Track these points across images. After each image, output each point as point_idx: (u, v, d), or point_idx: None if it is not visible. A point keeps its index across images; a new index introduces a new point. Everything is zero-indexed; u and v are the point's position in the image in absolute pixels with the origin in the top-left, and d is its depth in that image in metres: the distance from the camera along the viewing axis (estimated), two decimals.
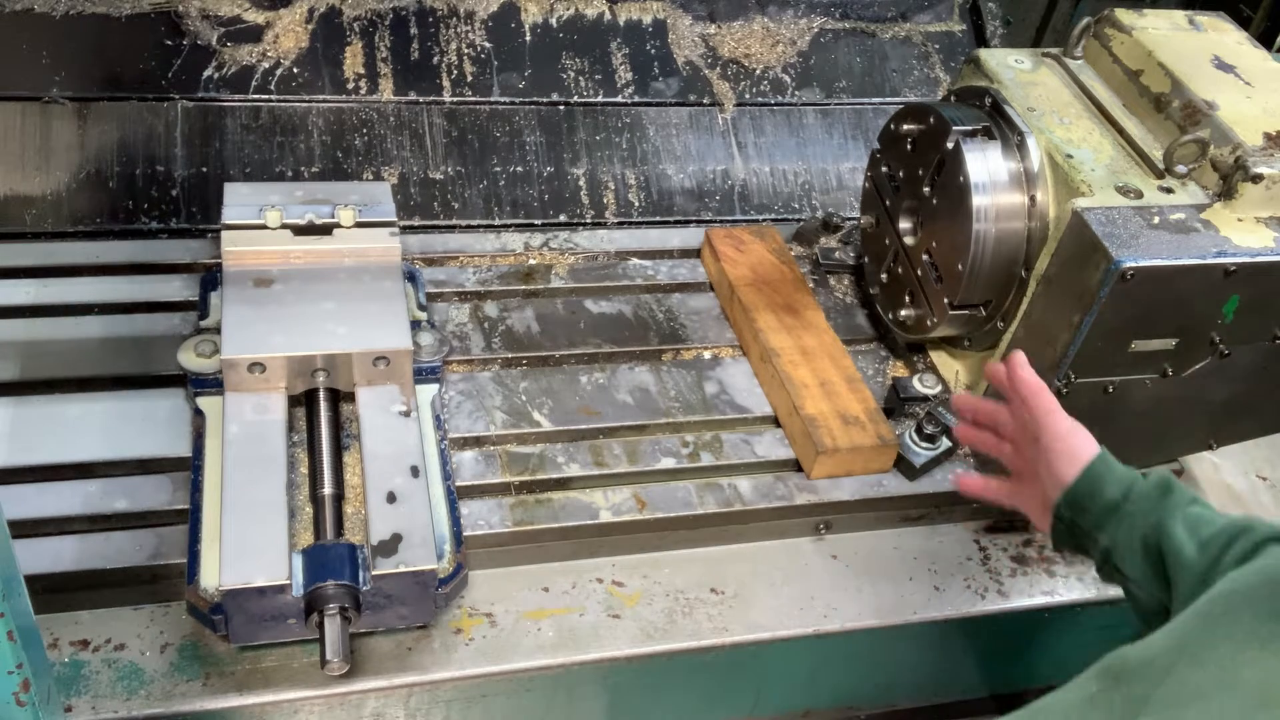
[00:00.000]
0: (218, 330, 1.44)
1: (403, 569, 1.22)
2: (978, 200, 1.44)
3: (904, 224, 1.64)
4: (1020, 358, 1.24)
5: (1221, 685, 0.76)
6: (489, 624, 1.35)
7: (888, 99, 2.15)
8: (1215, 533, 1.05)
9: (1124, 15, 1.58)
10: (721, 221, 1.98)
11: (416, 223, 1.87)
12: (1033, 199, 1.44)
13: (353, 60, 1.92)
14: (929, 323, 1.57)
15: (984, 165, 1.46)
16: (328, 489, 1.33)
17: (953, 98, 1.62)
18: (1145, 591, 1.10)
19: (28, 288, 1.58)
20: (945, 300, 1.52)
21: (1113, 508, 1.12)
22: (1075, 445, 1.16)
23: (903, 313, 1.63)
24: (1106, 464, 1.15)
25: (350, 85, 1.90)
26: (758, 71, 2.09)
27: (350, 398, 1.44)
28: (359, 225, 1.52)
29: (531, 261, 1.79)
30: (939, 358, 1.70)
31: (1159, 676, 0.80)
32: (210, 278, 1.59)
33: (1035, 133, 1.46)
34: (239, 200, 1.52)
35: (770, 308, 1.69)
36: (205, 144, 1.83)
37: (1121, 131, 1.48)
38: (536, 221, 1.92)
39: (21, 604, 0.90)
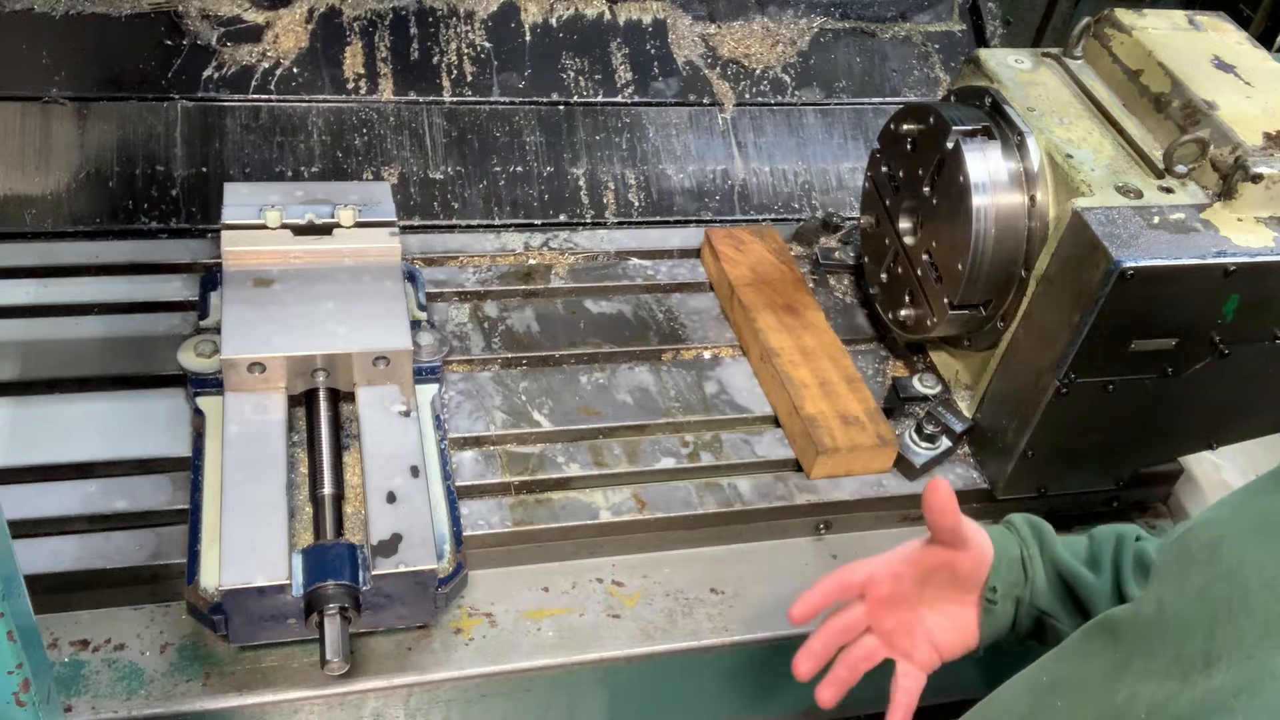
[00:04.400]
0: (218, 330, 1.44)
1: (403, 569, 1.22)
2: (978, 200, 1.44)
3: (904, 224, 1.64)
4: (935, 484, 1.20)
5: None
6: (489, 624, 1.35)
7: (888, 99, 2.15)
8: (1094, 551, 1.21)
9: (1124, 15, 1.58)
10: (721, 221, 1.98)
11: (416, 223, 1.87)
12: (1033, 199, 1.44)
13: (353, 60, 1.92)
14: (929, 323, 1.57)
15: (984, 165, 1.46)
16: (328, 489, 1.33)
17: (953, 98, 1.62)
18: (1065, 623, 1.19)
19: (28, 288, 1.58)
20: (945, 300, 1.52)
21: (1018, 559, 1.20)
22: (980, 534, 1.21)
23: (903, 313, 1.63)
24: (993, 532, 1.22)
25: (350, 85, 1.90)
26: (758, 71, 2.09)
27: (350, 398, 1.44)
28: (359, 225, 1.52)
29: (531, 261, 1.79)
30: (939, 358, 1.70)
31: (1204, 633, 0.79)
32: (210, 278, 1.59)
33: (1035, 133, 1.46)
34: (239, 200, 1.52)
35: (770, 308, 1.69)
36: (205, 144, 1.83)
37: (1121, 131, 1.48)
38: (536, 221, 1.92)
39: (21, 604, 0.90)
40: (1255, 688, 0.73)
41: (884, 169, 1.68)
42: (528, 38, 2.00)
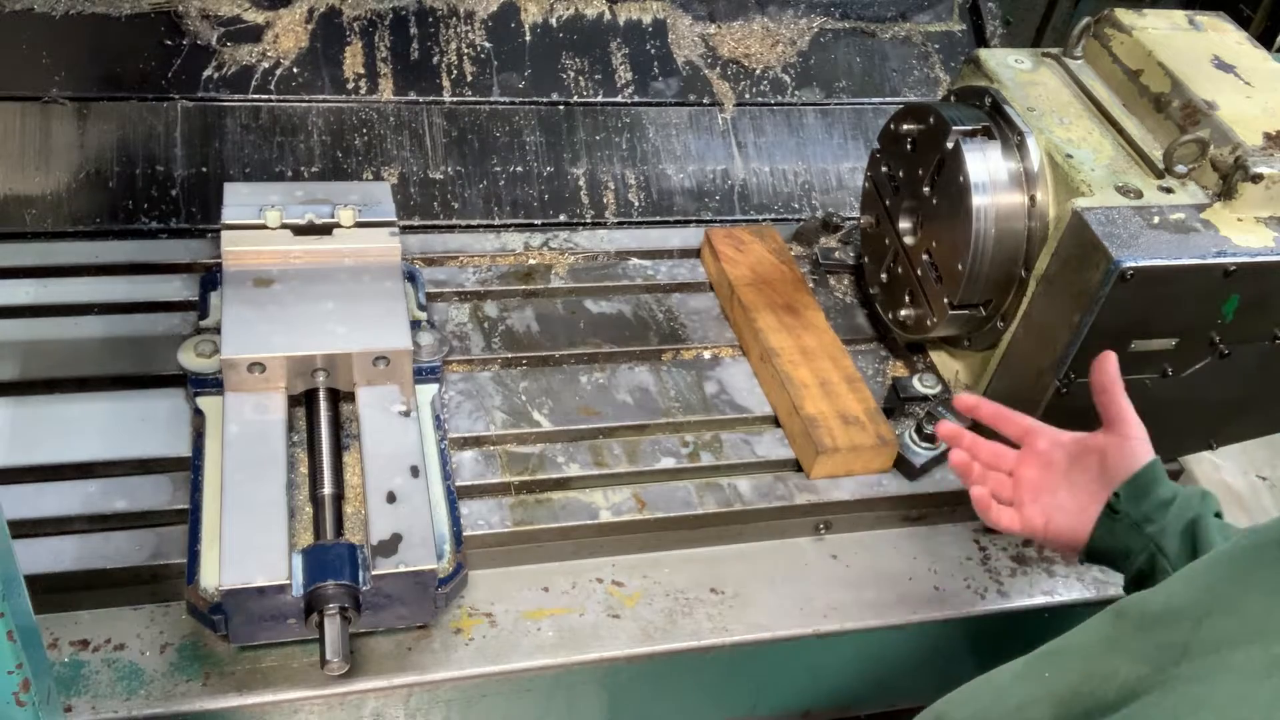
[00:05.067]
0: (218, 330, 1.44)
1: (403, 569, 1.22)
2: (978, 200, 1.44)
3: (904, 224, 1.64)
4: (1111, 359, 1.24)
5: (1261, 632, 0.77)
6: (489, 624, 1.35)
7: (888, 99, 2.15)
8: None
9: (1124, 15, 1.58)
10: (721, 221, 1.98)
11: (416, 223, 1.87)
12: (1032, 199, 1.44)
13: (353, 60, 1.92)
14: (929, 323, 1.57)
15: (984, 165, 1.46)
16: (328, 489, 1.33)
17: (953, 98, 1.62)
18: None
19: (28, 288, 1.58)
20: (945, 300, 1.52)
21: (1166, 502, 1.17)
22: (1145, 442, 1.20)
23: (903, 313, 1.63)
24: (1160, 465, 1.20)
25: (350, 85, 1.90)
26: (758, 71, 2.09)
27: (350, 398, 1.44)
28: (359, 225, 1.52)
29: (531, 261, 1.79)
30: (939, 358, 1.70)
31: (1192, 625, 0.81)
32: (210, 278, 1.59)
33: (1035, 133, 1.46)
34: (239, 200, 1.52)
35: (770, 307, 1.69)
36: (205, 144, 1.83)
37: (1121, 131, 1.48)
38: (536, 221, 1.92)
39: (21, 604, 0.90)
40: (1206, 677, 0.75)
41: (884, 169, 1.68)
42: (528, 38, 2.00)
